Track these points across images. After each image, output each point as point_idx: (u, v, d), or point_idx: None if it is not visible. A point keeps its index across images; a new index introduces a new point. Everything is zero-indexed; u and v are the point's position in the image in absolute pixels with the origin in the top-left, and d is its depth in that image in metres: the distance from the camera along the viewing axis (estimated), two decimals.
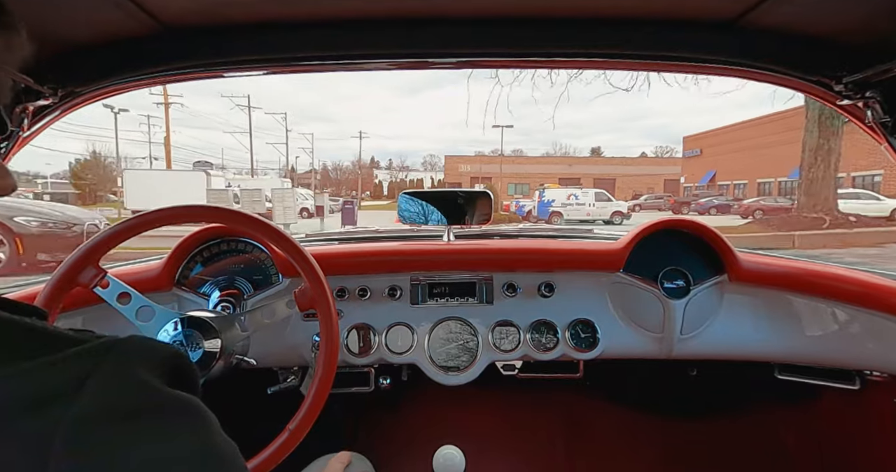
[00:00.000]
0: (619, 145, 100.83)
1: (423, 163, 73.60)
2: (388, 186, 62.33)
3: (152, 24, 0.75)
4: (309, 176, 58.09)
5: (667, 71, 0.87)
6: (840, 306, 1.15)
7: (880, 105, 0.77)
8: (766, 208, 22.54)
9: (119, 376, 0.30)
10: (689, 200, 28.41)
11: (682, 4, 0.74)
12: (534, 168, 42.70)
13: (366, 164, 68.62)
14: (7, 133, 0.76)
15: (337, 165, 66.81)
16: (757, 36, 0.78)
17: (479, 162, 41.94)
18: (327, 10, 0.76)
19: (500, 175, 34.14)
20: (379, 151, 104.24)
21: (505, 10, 0.77)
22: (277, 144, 44.63)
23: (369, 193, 60.04)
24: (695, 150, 39.73)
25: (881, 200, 19.45)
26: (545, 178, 38.04)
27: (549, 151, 57.66)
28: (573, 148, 63.87)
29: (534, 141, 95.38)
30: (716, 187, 35.92)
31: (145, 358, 0.32)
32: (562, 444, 1.61)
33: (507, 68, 0.98)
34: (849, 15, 0.72)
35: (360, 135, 47.79)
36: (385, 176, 68.36)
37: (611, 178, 32.98)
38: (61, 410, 0.28)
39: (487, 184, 25.66)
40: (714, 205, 25.51)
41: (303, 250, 0.86)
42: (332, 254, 1.20)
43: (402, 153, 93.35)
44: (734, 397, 1.58)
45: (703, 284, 1.19)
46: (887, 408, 1.22)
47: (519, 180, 40.66)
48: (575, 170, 41.81)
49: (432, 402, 1.57)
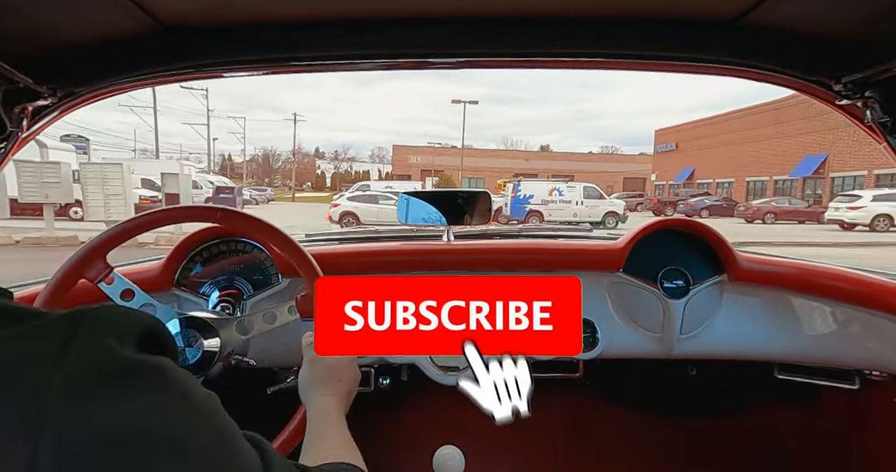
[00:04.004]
0: (567, 145, 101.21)
1: (370, 155, 70.99)
2: (332, 177, 59.70)
3: (152, 24, 0.75)
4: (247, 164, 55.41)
5: (666, 71, 0.87)
6: (840, 306, 1.15)
7: (879, 105, 0.77)
8: (779, 211, 20.15)
9: (93, 343, 0.32)
10: (676, 199, 25.81)
11: (682, 4, 0.74)
12: (489, 162, 40.89)
13: (309, 154, 65.53)
14: (6, 133, 0.76)
15: (269, 151, 62.99)
16: (756, 35, 0.78)
17: (430, 153, 40.23)
18: (327, 10, 0.76)
19: (459, 166, 31.88)
20: (326, 142, 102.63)
21: (504, 10, 0.77)
22: (196, 125, 40.51)
23: (311, 184, 57.29)
24: (669, 144, 36.75)
25: None
26: (502, 172, 35.09)
27: (501, 147, 55.66)
28: (524, 144, 62.14)
29: (482, 138, 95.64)
30: (694, 185, 33.30)
31: (118, 325, 0.34)
32: (561, 444, 1.61)
33: (507, 68, 0.98)
34: (849, 15, 0.72)
35: (294, 118, 44.64)
36: (328, 167, 65.16)
37: (569, 174, 29.35)
38: (50, 369, 0.29)
39: (441, 176, 23.61)
40: (706, 206, 22.83)
41: (303, 250, 0.86)
42: (332, 254, 1.20)
43: (351, 145, 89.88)
44: (734, 396, 1.58)
45: (703, 283, 1.19)
46: (887, 408, 1.22)
47: (474, 175, 38.71)
48: (532, 165, 40.09)
49: (432, 402, 1.57)
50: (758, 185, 28.96)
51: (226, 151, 67.05)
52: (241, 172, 53.08)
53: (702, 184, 33.23)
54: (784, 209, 20.54)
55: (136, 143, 45.76)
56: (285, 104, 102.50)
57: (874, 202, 16.72)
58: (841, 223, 17.02)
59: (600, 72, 15.45)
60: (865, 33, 0.74)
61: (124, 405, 0.30)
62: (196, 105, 62.14)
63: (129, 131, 47.81)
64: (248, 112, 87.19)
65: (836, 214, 17.22)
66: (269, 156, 61.95)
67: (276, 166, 62.00)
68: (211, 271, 1.14)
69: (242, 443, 0.36)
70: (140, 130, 46.60)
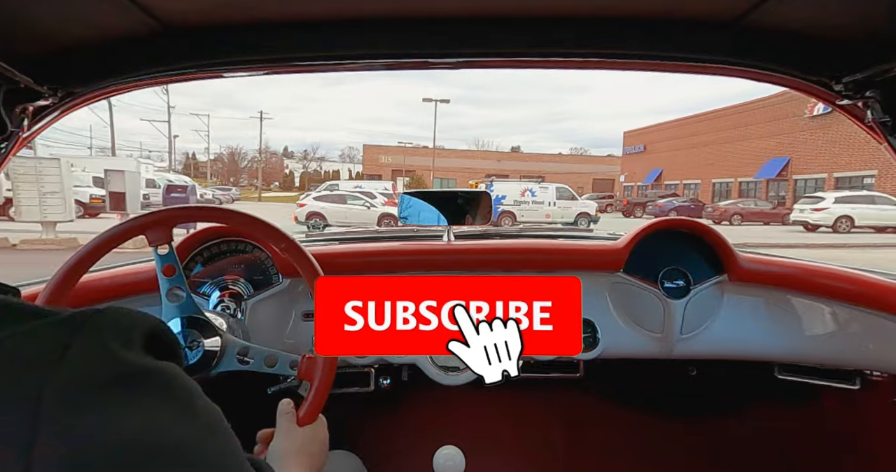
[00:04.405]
0: (537, 146, 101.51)
1: (341, 154, 69.01)
2: (301, 176, 58.19)
3: (152, 24, 0.75)
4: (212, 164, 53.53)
5: (666, 71, 0.86)
6: (840, 306, 1.15)
7: (880, 105, 0.77)
8: (746, 213, 20.52)
9: (95, 347, 0.31)
10: (645, 201, 25.94)
11: (682, 4, 0.74)
12: (461, 162, 40.57)
13: (277, 153, 63.77)
14: (7, 134, 0.76)
15: (235, 149, 60.04)
16: (757, 36, 0.78)
17: (401, 153, 39.70)
18: (328, 11, 0.76)
19: (430, 167, 30.89)
20: (295, 141, 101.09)
21: (505, 10, 0.77)
22: (156, 122, 38.31)
23: (279, 184, 55.77)
24: (637, 146, 37.27)
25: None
26: (473, 173, 34.99)
27: (473, 148, 54.87)
28: (496, 145, 61.66)
29: (454, 138, 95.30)
30: (662, 187, 33.73)
31: (122, 328, 0.33)
32: (562, 444, 1.61)
33: (507, 68, 0.98)
34: (849, 15, 0.72)
35: (260, 116, 43.13)
36: (297, 166, 63.34)
37: (540, 175, 29.04)
38: (47, 373, 0.29)
39: (413, 176, 22.78)
40: (674, 207, 22.81)
41: (303, 250, 0.86)
42: (332, 254, 1.20)
43: (320, 144, 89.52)
44: (734, 396, 1.58)
45: (704, 283, 1.19)
46: (887, 408, 1.22)
47: (445, 175, 38.12)
48: (504, 166, 39.91)
49: (432, 402, 1.57)
50: (723, 186, 29.63)
51: (190, 150, 65.22)
52: (206, 172, 51.45)
53: (669, 185, 33.72)
54: (750, 211, 20.89)
55: (92, 140, 44.08)
56: (251, 102, 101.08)
57: (836, 204, 17.16)
58: (805, 225, 17.37)
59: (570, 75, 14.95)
60: (866, 33, 0.74)
61: (124, 415, 0.29)
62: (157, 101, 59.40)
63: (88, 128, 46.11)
64: (213, 110, 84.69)
65: (802, 215, 17.59)
66: (235, 155, 59.79)
67: (243, 166, 60.14)
68: (211, 271, 1.14)
69: (244, 463, 0.35)
70: (98, 127, 45.25)
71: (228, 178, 57.38)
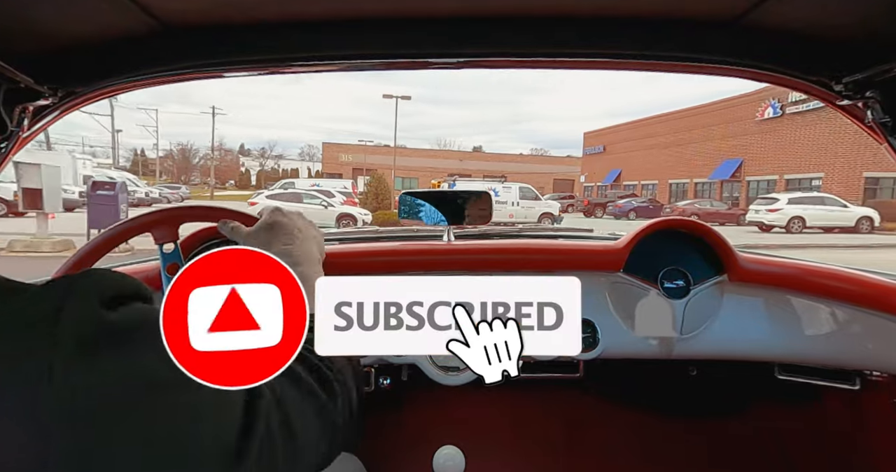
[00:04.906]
0: (499, 146, 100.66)
1: (300, 153, 67.42)
2: (258, 174, 56.60)
3: (152, 24, 0.75)
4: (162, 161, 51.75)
5: (666, 71, 0.86)
6: (840, 306, 1.15)
7: (880, 105, 0.77)
8: (702, 213, 20.78)
9: (87, 307, 0.36)
10: (605, 201, 26.55)
11: (682, 4, 0.74)
12: (423, 162, 40.21)
13: (232, 150, 61.72)
14: (7, 133, 0.76)
15: (186, 146, 57.85)
16: (757, 36, 0.78)
17: (362, 152, 39.08)
18: (327, 11, 0.76)
19: (391, 166, 30.02)
20: (252, 138, 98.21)
21: (505, 10, 0.77)
22: (98, 116, 34.91)
23: (234, 183, 53.91)
24: (597, 147, 37.86)
25: (848, 208, 18.08)
26: (435, 172, 34.13)
27: (435, 147, 54.10)
28: (458, 145, 61.08)
29: (416, 138, 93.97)
30: (621, 187, 34.24)
31: (105, 287, 0.38)
32: (562, 444, 1.61)
33: (507, 68, 0.98)
34: (849, 15, 0.71)
35: (212, 111, 40.98)
36: (254, 164, 61.39)
37: (502, 175, 29.26)
38: (50, 333, 0.33)
39: (374, 174, 22.06)
40: (633, 207, 23.43)
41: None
42: (332, 254, 1.20)
43: (277, 142, 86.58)
44: (734, 397, 1.58)
45: (704, 284, 1.19)
46: (887, 408, 1.22)
47: (407, 174, 37.76)
48: (466, 165, 39.52)
49: (432, 402, 1.57)
50: (680, 187, 30.44)
51: (138, 146, 62.47)
52: (155, 169, 49.90)
53: (628, 185, 34.32)
54: (707, 211, 21.38)
55: None
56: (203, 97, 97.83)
57: (790, 205, 17.69)
58: (760, 225, 17.70)
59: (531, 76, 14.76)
60: (866, 33, 0.74)
61: (121, 362, 0.35)
62: None
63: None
64: (161, 104, 79.53)
65: (757, 216, 17.96)
66: (186, 152, 57.48)
67: (195, 163, 57.82)
68: None
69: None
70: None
71: (179, 176, 55.16)
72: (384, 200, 19.68)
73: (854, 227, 17.47)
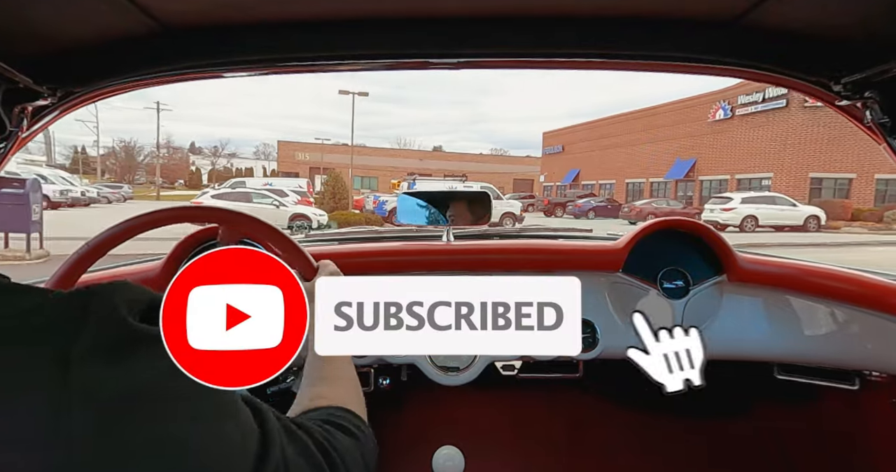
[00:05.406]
0: (459, 146, 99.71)
1: (255, 151, 64.51)
2: (209, 174, 54.40)
3: (152, 25, 0.75)
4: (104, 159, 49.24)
5: (665, 71, 0.86)
6: (839, 307, 1.15)
7: (879, 105, 0.77)
8: (659, 212, 20.83)
9: (110, 313, 0.36)
10: (565, 201, 26.79)
11: (682, 4, 0.75)
12: (382, 161, 39.41)
13: (181, 148, 59.11)
14: (6, 133, 0.76)
15: (130, 143, 53.79)
16: (756, 36, 0.78)
17: (319, 150, 37.78)
18: (327, 11, 0.76)
19: (349, 164, 28.11)
20: (203, 136, 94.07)
21: (505, 9, 0.77)
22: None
23: (184, 182, 50.96)
24: (556, 147, 38.10)
25: (797, 207, 18.71)
26: (395, 172, 33.61)
27: (395, 146, 52.61)
28: (418, 144, 60.14)
29: (376, 137, 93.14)
30: (580, 187, 34.47)
31: (127, 298, 0.38)
32: (562, 444, 1.61)
33: (507, 68, 0.99)
34: (849, 15, 0.72)
35: (157, 107, 38.91)
36: (205, 163, 58.78)
37: (462, 174, 28.88)
38: (71, 340, 0.33)
39: (331, 173, 21.22)
40: (592, 206, 23.79)
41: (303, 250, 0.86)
42: (332, 254, 1.20)
43: (230, 140, 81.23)
44: (734, 397, 1.58)
45: (703, 284, 1.19)
46: (886, 408, 1.22)
47: (365, 173, 36.79)
48: (426, 165, 38.79)
49: (432, 402, 1.57)
50: (636, 186, 30.86)
51: (78, 143, 57.66)
52: (97, 167, 47.39)
53: (587, 185, 34.63)
54: (663, 210, 21.56)
55: None
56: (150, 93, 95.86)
57: (743, 204, 18.01)
58: (715, 224, 17.75)
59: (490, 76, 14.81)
60: (865, 34, 0.74)
61: (137, 370, 0.35)
62: None
63: None
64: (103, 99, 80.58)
65: (712, 215, 18.08)
66: (131, 149, 53.81)
67: (140, 161, 54.22)
68: None
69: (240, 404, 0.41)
70: None
71: (123, 175, 52.02)
72: (342, 200, 19.18)
73: (803, 225, 18.00)
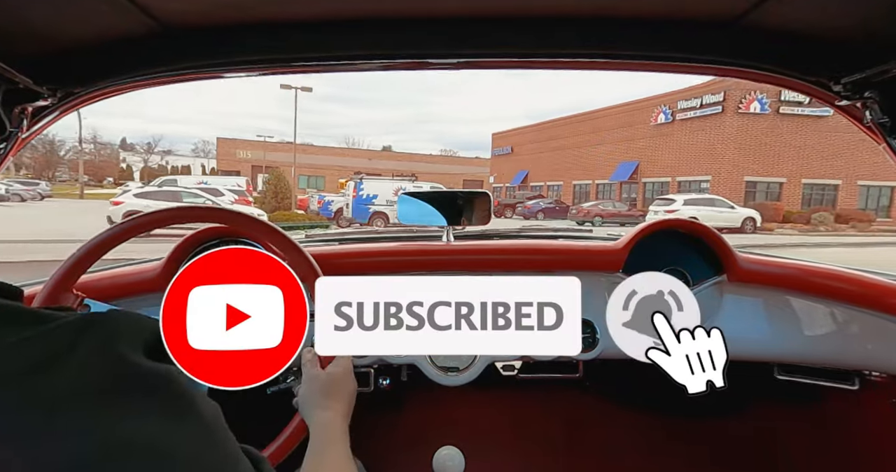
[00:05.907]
0: (408, 146, 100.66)
1: (193, 149, 60.95)
2: (141, 171, 51.69)
3: (152, 25, 0.75)
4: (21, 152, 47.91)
5: (665, 71, 0.87)
6: (839, 307, 1.15)
7: (879, 105, 0.77)
8: (606, 214, 21.78)
9: (99, 351, 0.31)
10: (514, 202, 26.96)
11: (682, 4, 0.75)
12: (330, 160, 38.88)
13: (111, 144, 56.00)
14: (6, 134, 0.76)
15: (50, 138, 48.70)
16: (756, 36, 0.78)
17: (261, 148, 36.89)
18: (327, 11, 0.76)
19: (293, 163, 27.47)
20: (135, 132, 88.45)
21: (504, 10, 0.77)
22: None
23: (113, 180, 47.98)
24: (505, 147, 38.50)
25: (735, 209, 19.24)
26: (343, 171, 32.45)
27: (343, 146, 51.64)
28: (367, 144, 59.05)
29: (323, 136, 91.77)
30: (529, 188, 34.80)
31: (126, 332, 0.34)
32: (562, 444, 1.61)
33: (507, 69, 0.99)
34: (848, 15, 0.72)
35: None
36: (136, 160, 55.66)
37: (410, 174, 28.03)
38: (55, 378, 0.29)
39: (273, 172, 20.60)
40: (542, 208, 24.16)
41: (303, 250, 0.86)
42: (332, 254, 1.20)
43: (164, 136, 75.24)
44: (734, 397, 1.58)
45: (703, 284, 1.19)
46: (886, 408, 1.22)
47: (312, 173, 36.39)
48: (375, 164, 38.09)
49: (432, 402, 1.57)
50: (583, 188, 31.47)
51: None
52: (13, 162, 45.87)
53: (535, 186, 35.02)
54: (609, 212, 22.23)
55: None
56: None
57: (685, 206, 18.39)
58: None
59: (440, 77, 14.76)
60: (865, 34, 0.74)
61: (123, 419, 0.30)
62: None
63: None
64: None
65: (656, 216, 18.65)
66: (51, 143, 49.12)
67: (62, 156, 49.73)
68: None
69: (242, 458, 0.36)
70: None
71: (42, 171, 48.49)
72: (284, 200, 18.48)
73: (740, 227, 18.33)
